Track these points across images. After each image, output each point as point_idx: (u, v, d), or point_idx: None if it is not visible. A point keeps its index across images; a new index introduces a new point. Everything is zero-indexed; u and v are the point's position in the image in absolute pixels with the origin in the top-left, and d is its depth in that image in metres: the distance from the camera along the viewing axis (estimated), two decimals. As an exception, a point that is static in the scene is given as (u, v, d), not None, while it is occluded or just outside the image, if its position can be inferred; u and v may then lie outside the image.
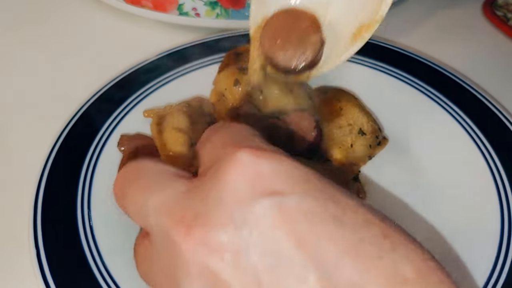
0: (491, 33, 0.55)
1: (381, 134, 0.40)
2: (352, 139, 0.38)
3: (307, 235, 0.16)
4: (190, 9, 0.50)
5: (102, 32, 0.55)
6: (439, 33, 0.55)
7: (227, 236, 0.16)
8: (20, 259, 0.33)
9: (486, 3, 0.58)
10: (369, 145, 0.38)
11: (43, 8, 0.59)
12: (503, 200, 0.34)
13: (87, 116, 0.40)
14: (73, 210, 0.34)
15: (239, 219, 0.16)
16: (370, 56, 0.46)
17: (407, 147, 0.41)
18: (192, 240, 0.16)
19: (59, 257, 0.31)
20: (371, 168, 0.39)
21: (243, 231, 0.16)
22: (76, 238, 0.32)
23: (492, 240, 0.32)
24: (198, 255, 0.16)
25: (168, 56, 0.46)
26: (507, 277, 0.29)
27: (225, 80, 0.38)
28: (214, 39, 0.48)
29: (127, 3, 0.52)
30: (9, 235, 0.35)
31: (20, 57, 0.52)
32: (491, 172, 0.36)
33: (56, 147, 0.37)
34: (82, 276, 0.30)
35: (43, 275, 0.30)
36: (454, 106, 0.41)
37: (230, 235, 0.16)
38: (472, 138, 0.39)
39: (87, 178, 0.36)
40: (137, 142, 0.39)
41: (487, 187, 0.36)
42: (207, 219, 0.17)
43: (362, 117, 0.39)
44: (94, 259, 0.31)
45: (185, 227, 0.17)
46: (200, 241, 0.16)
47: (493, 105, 0.41)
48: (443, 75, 0.44)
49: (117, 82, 0.43)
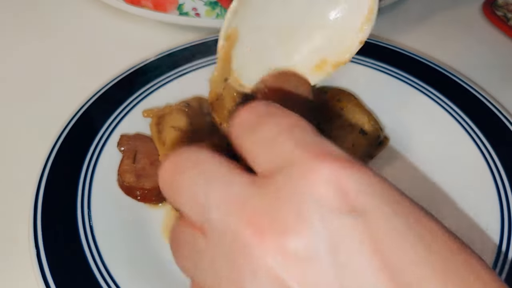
0: (491, 33, 0.55)
1: (382, 134, 0.40)
2: (353, 139, 0.38)
3: (392, 258, 0.15)
4: (190, 9, 0.50)
5: (102, 32, 0.55)
6: (439, 33, 0.55)
7: (304, 246, 0.15)
8: (20, 259, 0.33)
9: (486, 3, 0.58)
10: (371, 145, 0.38)
11: (43, 8, 0.59)
12: (503, 200, 0.34)
13: (87, 116, 0.40)
14: (73, 210, 0.34)
15: (320, 231, 0.15)
16: (370, 56, 0.46)
17: (406, 147, 0.41)
18: (267, 246, 0.16)
19: (59, 257, 0.31)
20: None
21: (323, 244, 0.15)
22: (76, 238, 0.32)
23: (492, 239, 0.32)
24: (271, 260, 0.15)
25: (168, 56, 0.46)
26: (507, 276, 0.30)
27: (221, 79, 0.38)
28: (214, 39, 0.48)
29: (127, 3, 0.52)
30: (9, 235, 0.35)
31: (20, 57, 0.52)
32: (491, 172, 0.36)
33: (56, 147, 0.37)
34: (82, 276, 0.30)
35: (43, 275, 0.30)
36: (454, 106, 0.41)
37: (308, 246, 0.15)
38: (472, 138, 0.39)
39: (87, 178, 0.36)
40: (137, 142, 0.39)
41: (487, 187, 0.36)
42: (284, 225, 0.16)
43: (363, 117, 0.39)
44: (94, 259, 0.31)
45: (259, 231, 0.16)
46: (275, 248, 0.16)
47: (493, 105, 0.41)
48: (443, 75, 0.44)
49: (117, 82, 0.43)
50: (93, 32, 0.55)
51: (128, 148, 0.38)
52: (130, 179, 0.36)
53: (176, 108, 0.40)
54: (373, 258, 0.15)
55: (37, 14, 0.58)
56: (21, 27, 0.56)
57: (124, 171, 0.37)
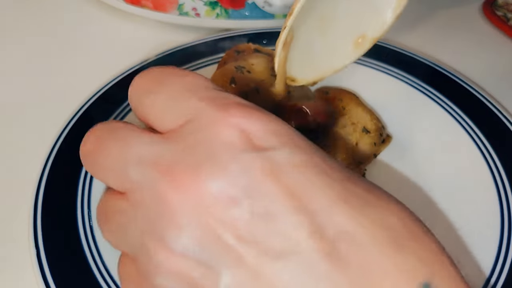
0: (491, 33, 0.55)
1: (384, 132, 0.40)
2: (356, 137, 0.38)
3: (298, 185, 0.16)
4: (190, 9, 0.50)
5: (102, 32, 0.55)
6: (439, 33, 0.55)
7: (218, 187, 0.16)
8: (20, 259, 0.33)
9: (486, 3, 0.58)
10: (374, 143, 0.38)
11: (43, 8, 0.59)
12: (503, 199, 0.35)
13: (87, 116, 0.40)
14: (73, 210, 0.34)
15: (230, 171, 0.16)
16: (370, 56, 0.46)
17: (406, 148, 0.41)
18: (184, 191, 0.16)
19: (59, 257, 0.31)
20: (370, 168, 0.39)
21: (235, 182, 0.16)
22: (76, 238, 0.32)
23: (492, 239, 0.32)
24: (189, 205, 0.16)
25: (168, 56, 0.46)
26: (507, 276, 0.30)
27: (221, 77, 0.38)
28: (214, 39, 0.48)
29: (127, 3, 0.52)
30: (9, 235, 0.35)
31: (20, 57, 0.52)
32: (491, 171, 0.36)
33: (56, 147, 0.37)
34: (82, 276, 0.30)
35: (43, 275, 0.30)
36: (453, 106, 0.41)
37: (222, 186, 0.16)
38: (472, 138, 0.39)
39: (87, 178, 0.36)
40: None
41: (487, 187, 0.36)
42: (198, 169, 0.16)
43: (365, 115, 0.39)
44: (94, 259, 0.31)
45: (175, 177, 0.16)
46: (192, 192, 0.16)
47: (493, 105, 0.41)
48: (443, 75, 0.44)
49: (117, 82, 0.43)
50: (93, 32, 0.55)
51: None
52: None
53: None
54: (280, 187, 0.16)
55: (37, 13, 0.58)
56: (21, 27, 0.56)
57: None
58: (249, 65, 0.39)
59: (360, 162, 0.37)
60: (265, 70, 0.39)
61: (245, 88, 0.37)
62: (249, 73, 0.38)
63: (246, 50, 0.42)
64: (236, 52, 0.42)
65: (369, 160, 0.39)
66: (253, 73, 0.38)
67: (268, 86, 0.36)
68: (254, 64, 0.39)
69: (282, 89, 0.36)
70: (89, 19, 0.57)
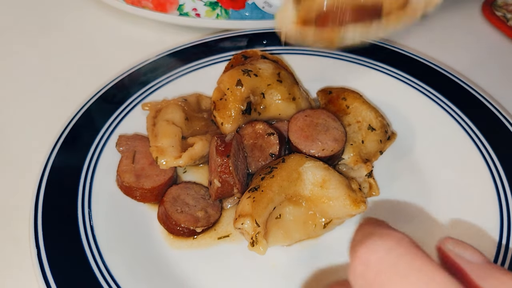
0: (490, 33, 0.55)
1: (389, 129, 0.40)
2: (362, 135, 0.38)
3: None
4: (191, 9, 0.50)
5: (102, 32, 0.55)
6: (439, 33, 0.55)
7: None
8: (20, 259, 0.33)
9: (486, 4, 0.58)
10: (380, 140, 0.39)
11: (43, 8, 0.59)
12: (502, 199, 0.35)
13: (87, 116, 0.40)
14: (73, 210, 0.34)
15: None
16: (370, 57, 0.46)
17: (406, 148, 0.41)
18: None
19: (60, 257, 0.31)
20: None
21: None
22: (76, 237, 0.32)
23: (491, 238, 0.32)
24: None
25: (168, 56, 0.46)
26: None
27: (228, 80, 0.38)
28: (214, 39, 0.48)
29: (127, 4, 0.52)
30: (9, 235, 0.35)
31: (20, 57, 0.52)
32: (490, 171, 0.36)
33: (57, 147, 0.37)
34: (82, 275, 0.30)
35: (44, 275, 0.30)
36: (453, 106, 0.41)
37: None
38: (471, 138, 0.39)
39: (87, 178, 0.36)
40: (135, 142, 0.39)
41: (486, 187, 0.36)
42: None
43: (369, 113, 0.39)
44: (94, 259, 0.31)
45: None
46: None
47: (492, 105, 0.41)
48: (443, 76, 0.44)
49: (117, 82, 0.43)
50: (93, 32, 0.55)
51: (127, 149, 0.38)
52: (130, 179, 0.36)
53: (172, 102, 0.40)
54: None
55: (38, 14, 0.58)
56: (22, 27, 0.56)
57: (123, 171, 0.36)
58: (256, 69, 0.39)
59: (367, 159, 0.38)
60: (272, 75, 0.39)
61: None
62: (256, 76, 0.39)
63: (254, 56, 0.43)
64: (243, 57, 0.42)
65: (376, 157, 0.39)
66: (259, 76, 0.39)
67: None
68: (262, 69, 0.40)
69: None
70: (89, 19, 0.57)
